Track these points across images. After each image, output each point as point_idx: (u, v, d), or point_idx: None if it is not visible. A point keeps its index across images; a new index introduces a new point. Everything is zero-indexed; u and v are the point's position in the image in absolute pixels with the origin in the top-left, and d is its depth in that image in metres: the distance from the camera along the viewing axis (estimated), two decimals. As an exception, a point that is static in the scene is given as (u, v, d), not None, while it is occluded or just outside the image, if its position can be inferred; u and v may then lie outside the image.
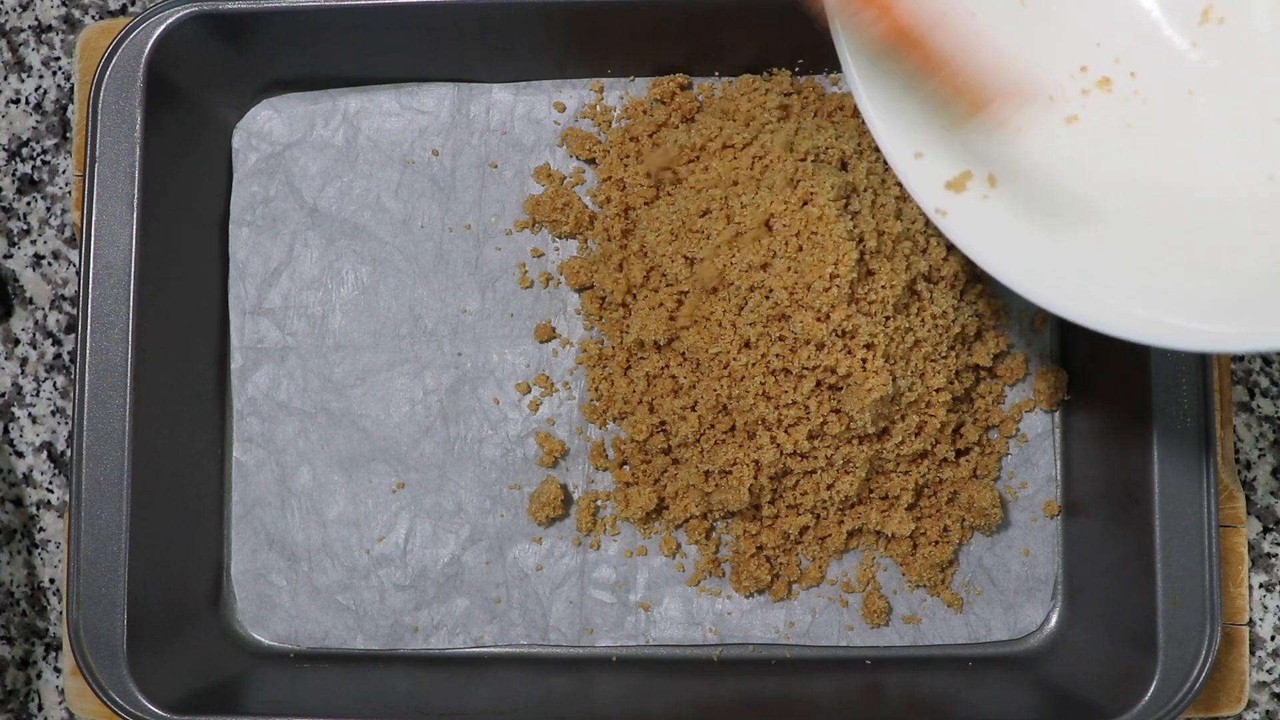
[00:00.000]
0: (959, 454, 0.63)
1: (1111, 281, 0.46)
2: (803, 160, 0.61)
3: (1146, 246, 0.47)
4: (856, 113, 0.64)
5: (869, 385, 0.57)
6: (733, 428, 0.60)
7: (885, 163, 0.61)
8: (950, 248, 0.61)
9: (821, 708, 0.61)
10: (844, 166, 0.62)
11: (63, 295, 0.70)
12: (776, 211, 0.58)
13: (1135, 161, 0.50)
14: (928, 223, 0.60)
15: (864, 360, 0.58)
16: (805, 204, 0.58)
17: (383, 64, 0.65)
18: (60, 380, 0.69)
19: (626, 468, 0.64)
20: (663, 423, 0.62)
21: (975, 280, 0.62)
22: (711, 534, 0.64)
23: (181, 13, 0.60)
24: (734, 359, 0.58)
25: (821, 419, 0.58)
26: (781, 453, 0.59)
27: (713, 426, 0.60)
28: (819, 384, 0.58)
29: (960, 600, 0.64)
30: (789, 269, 0.57)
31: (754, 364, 0.58)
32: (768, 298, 0.57)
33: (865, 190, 0.60)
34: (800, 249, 0.57)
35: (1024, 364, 0.64)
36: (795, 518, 0.62)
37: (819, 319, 0.57)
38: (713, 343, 0.59)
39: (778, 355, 0.58)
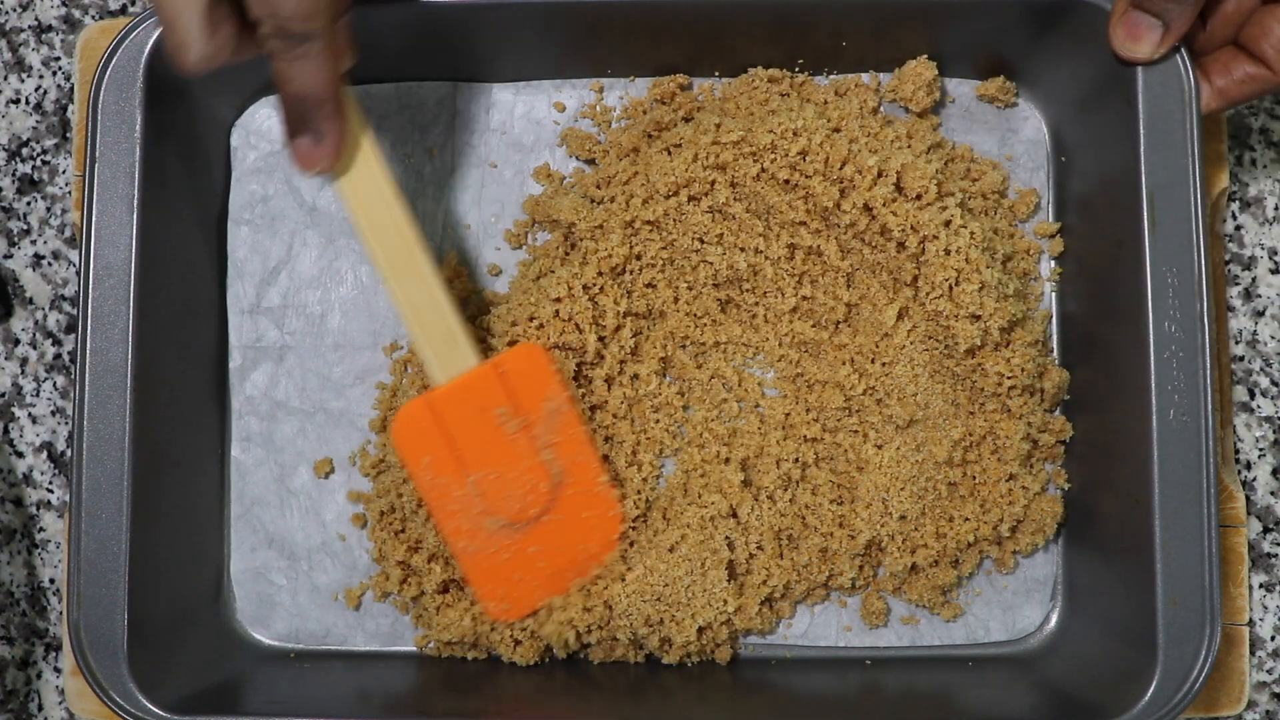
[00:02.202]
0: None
1: None
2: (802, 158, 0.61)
3: None
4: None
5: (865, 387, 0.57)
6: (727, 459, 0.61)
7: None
8: (948, 249, 0.61)
9: (821, 708, 0.61)
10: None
11: (63, 295, 0.70)
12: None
13: None
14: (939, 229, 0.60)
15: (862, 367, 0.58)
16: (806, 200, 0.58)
17: (383, 64, 0.65)
18: (60, 380, 0.69)
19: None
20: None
21: (979, 285, 0.62)
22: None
23: (181, 13, 0.60)
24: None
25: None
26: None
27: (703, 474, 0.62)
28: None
29: (960, 609, 0.64)
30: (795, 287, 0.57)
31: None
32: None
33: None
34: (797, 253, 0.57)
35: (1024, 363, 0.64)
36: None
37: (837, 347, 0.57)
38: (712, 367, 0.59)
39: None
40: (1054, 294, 0.66)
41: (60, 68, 0.70)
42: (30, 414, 0.69)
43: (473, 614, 0.62)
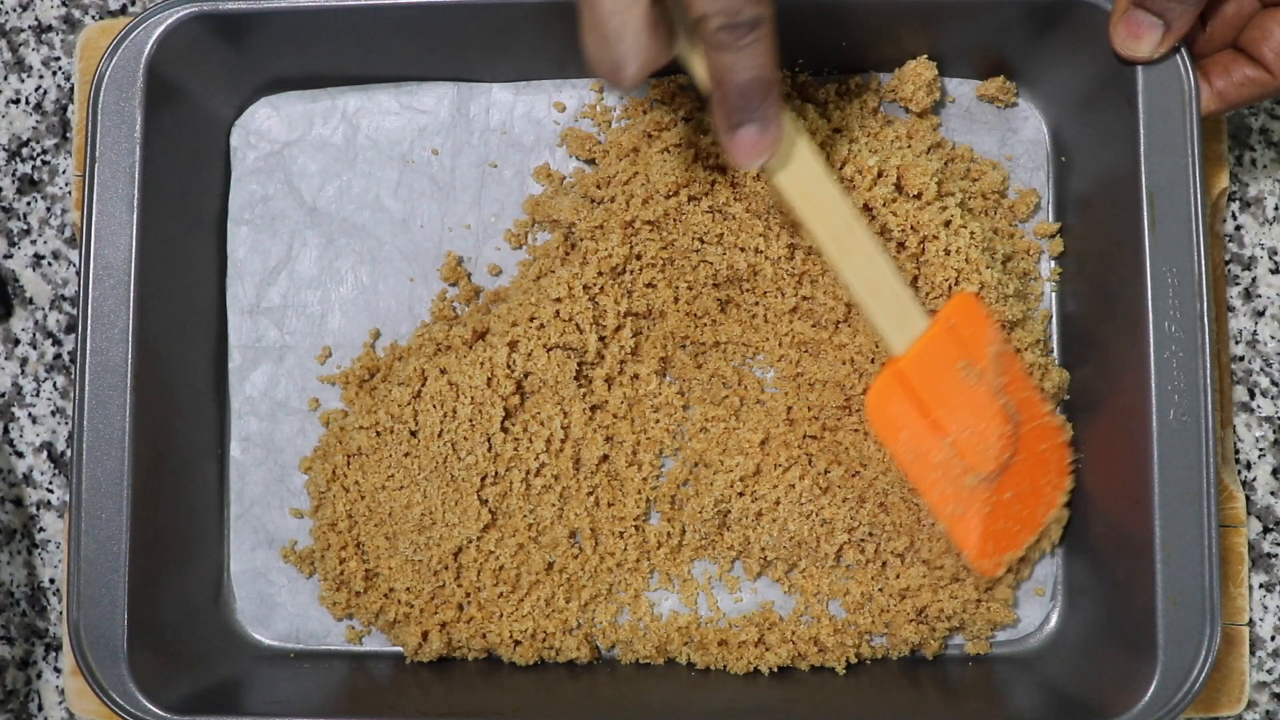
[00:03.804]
0: None
1: None
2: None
3: None
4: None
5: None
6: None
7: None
8: (948, 249, 0.61)
9: (821, 707, 0.61)
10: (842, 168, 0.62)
11: (63, 295, 0.70)
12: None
13: None
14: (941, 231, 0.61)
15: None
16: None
17: (382, 63, 0.65)
18: (60, 380, 0.69)
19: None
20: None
21: (979, 285, 0.62)
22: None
23: (181, 13, 0.60)
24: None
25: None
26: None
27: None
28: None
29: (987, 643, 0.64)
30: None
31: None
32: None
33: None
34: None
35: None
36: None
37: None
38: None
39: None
40: (1054, 294, 0.66)
41: (60, 68, 0.70)
42: (30, 414, 0.69)
43: (438, 632, 0.62)
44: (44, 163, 0.70)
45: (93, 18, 0.70)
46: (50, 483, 0.69)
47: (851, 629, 0.62)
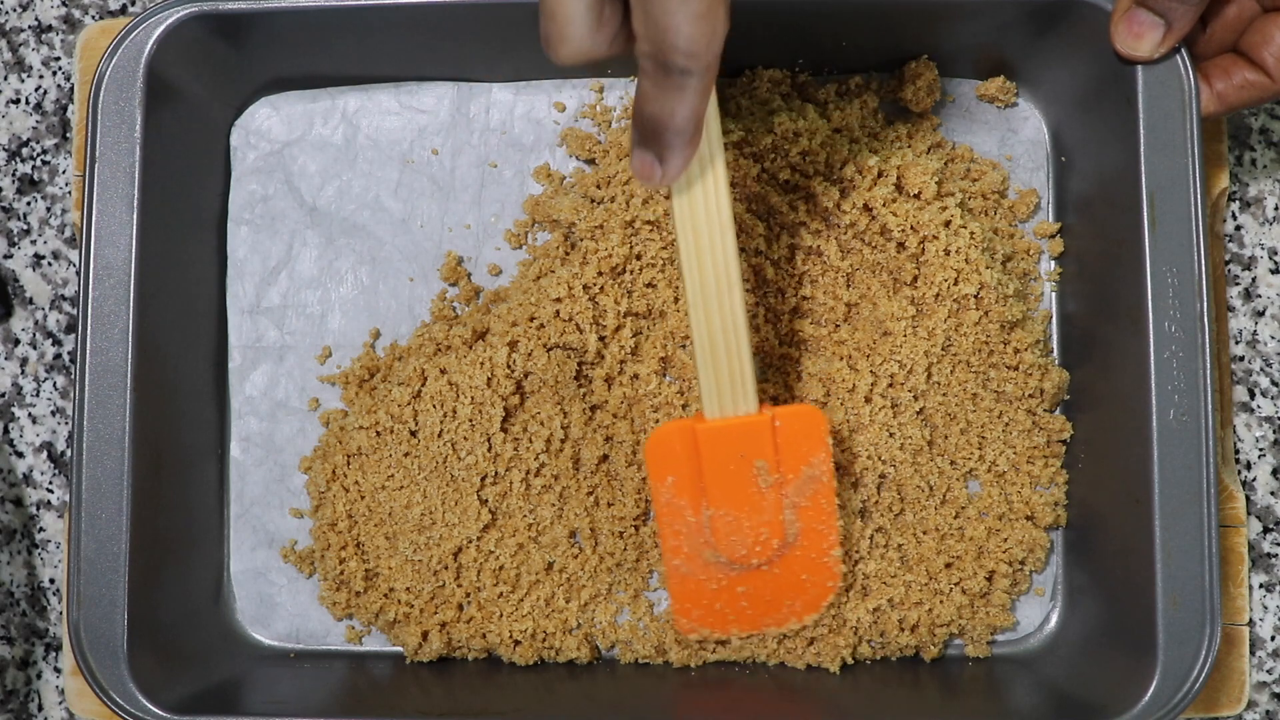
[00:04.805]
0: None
1: None
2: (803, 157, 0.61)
3: None
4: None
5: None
6: None
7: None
8: (948, 249, 0.61)
9: (821, 706, 0.61)
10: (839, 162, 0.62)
11: (63, 295, 0.70)
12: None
13: None
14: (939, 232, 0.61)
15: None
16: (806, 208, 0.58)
17: (382, 63, 0.65)
18: (60, 380, 0.69)
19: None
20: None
21: (979, 285, 0.62)
22: None
23: (181, 13, 0.60)
24: None
25: None
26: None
27: None
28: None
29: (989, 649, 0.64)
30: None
31: None
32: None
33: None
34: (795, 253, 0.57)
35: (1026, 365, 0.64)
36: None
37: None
38: None
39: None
40: (1054, 294, 0.66)
41: (60, 68, 0.70)
42: (30, 414, 0.69)
43: (437, 632, 0.63)
44: (44, 163, 0.70)
45: (93, 18, 0.70)
46: (50, 483, 0.69)
47: (848, 629, 0.62)
